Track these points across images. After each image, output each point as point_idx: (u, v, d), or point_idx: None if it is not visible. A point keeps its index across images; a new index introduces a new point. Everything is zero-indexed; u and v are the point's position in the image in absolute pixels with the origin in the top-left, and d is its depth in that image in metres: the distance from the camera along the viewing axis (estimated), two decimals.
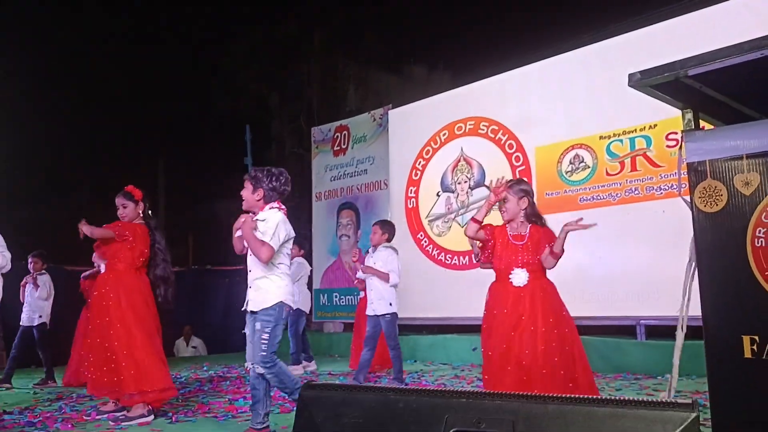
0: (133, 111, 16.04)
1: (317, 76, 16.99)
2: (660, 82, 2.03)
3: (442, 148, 8.83)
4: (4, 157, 13.76)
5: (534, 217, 3.89)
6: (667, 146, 6.60)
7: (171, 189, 17.65)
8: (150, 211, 4.83)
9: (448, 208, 8.64)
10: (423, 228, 8.90)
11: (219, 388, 5.97)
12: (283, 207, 3.81)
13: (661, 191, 6.60)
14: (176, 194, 17.41)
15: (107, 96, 15.74)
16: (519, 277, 3.71)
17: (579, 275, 7.03)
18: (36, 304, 7.02)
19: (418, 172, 9.09)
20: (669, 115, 6.13)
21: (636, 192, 6.80)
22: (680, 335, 2.48)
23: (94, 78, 15.53)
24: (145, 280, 4.61)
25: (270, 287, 3.68)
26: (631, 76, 2.06)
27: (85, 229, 4.49)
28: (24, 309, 7.00)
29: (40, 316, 7.04)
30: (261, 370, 3.62)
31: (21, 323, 6.90)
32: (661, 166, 6.65)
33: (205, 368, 7.82)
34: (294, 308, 3.89)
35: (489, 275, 4.06)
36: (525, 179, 4.46)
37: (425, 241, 8.81)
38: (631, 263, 6.72)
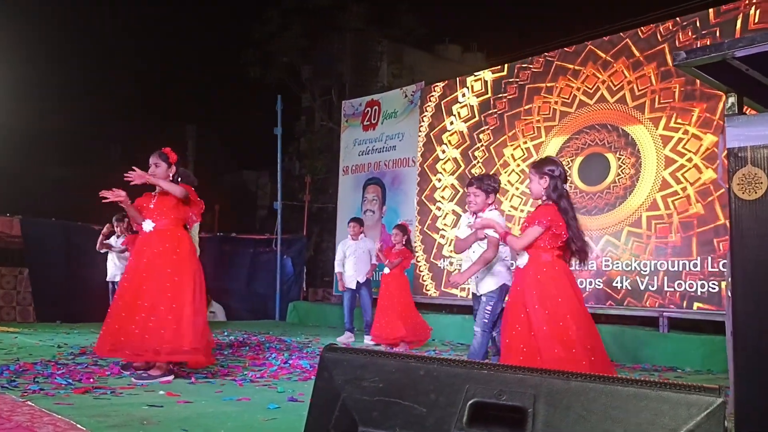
0: (166, 76, 16.15)
1: (350, 50, 16.92)
2: (706, 62, 1.97)
3: None
4: (38, 117, 13.96)
5: (556, 196, 3.81)
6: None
7: (200, 155, 17.83)
8: (179, 179, 4.81)
9: None
10: None
11: (239, 353, 6.03)
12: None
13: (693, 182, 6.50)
14: (205, 160, 17.58)
15: (141, 60, 15.86)
16: (521, 258, 3.91)
17: (604, 265, 6.98)
18: (123, 261, 7.23)
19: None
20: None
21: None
22: (728, 323, 2.42)
23: (129, 42, 15.65)
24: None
25: (492, 274, 4.44)
26: (676, 55, 2.01)
27: (161, 183, 4.50)
28: (110, 266, 7.20)
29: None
30: (476, 329, 4.44)
31: (112, 279, 7.10)
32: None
33: (225, 333, 7.91)
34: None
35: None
36: (553, 158, 4.35)
37: None
38: (657, 254, 6.64)
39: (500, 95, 8.38)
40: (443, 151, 9.06)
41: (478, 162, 8.53)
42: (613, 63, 7.22)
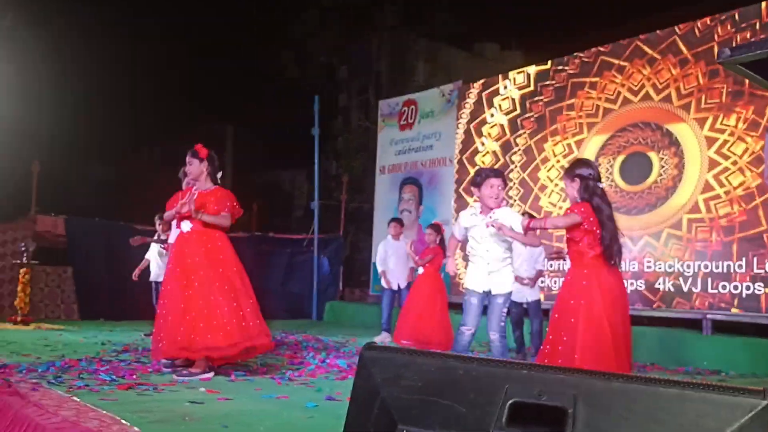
0: (205, 77, 16.38)
1: (387, 49, 16.93)
2: (750, 60, 1.93)
3: None
4: (81, 120, 14.29)
5: (588, 195, 3.78)
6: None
7: (238, 155, 18.06)
8: (219, 174, 4.88)
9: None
10: None
11: (277, 352, 6.09)
12: None
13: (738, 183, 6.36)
14: (243, 161, 17.79)
15: (180, 61, 16.09)
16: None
17: (647, 266, 6.87)
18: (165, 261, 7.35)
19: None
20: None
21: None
22: None
23: (167, 43, 15.88)
24: None
25: (509, 273, 4.33)
26: (720, 52, 1.97)
27: (205, 218, 4.54)
28: (152, 265, 7.32)
29: None
30: (494, 336, 4.21)
31: (156, 279, 7.19)
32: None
33: None
34: None
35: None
36: (583, 159, 4.33)
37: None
38: (697, 257, 6.52)
39: (542, 90, 8.29)
40: (482, 144, 9.01)
41: (518, 157, 8.45)
42: (659, 60, 7.08)
